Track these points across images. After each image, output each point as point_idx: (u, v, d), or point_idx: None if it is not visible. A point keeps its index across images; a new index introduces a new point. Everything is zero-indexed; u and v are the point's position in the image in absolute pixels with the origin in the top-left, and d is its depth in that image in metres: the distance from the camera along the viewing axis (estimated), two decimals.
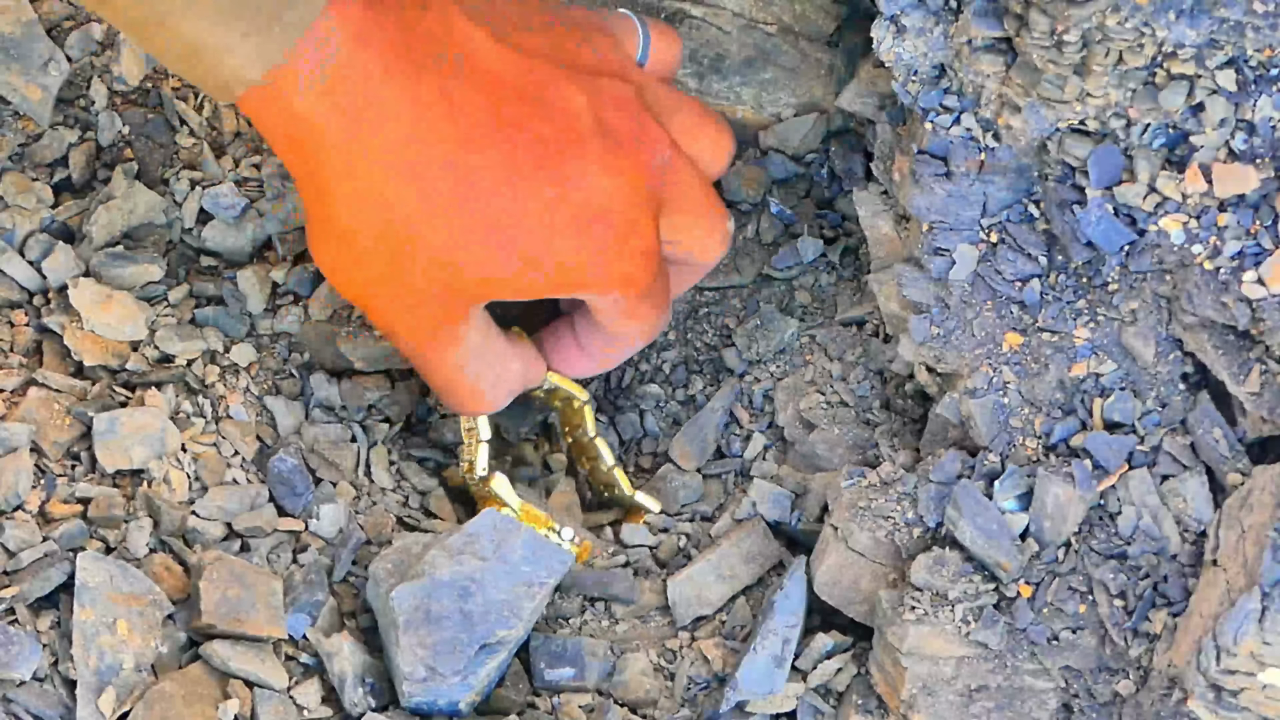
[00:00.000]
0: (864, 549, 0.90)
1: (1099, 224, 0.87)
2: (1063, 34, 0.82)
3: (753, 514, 0.98)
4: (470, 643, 0.86)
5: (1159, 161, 0.86)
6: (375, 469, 0.98)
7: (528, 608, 0.87)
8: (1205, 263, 0.85)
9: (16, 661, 0.80)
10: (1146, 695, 0.85)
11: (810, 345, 1.03)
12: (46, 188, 0.99)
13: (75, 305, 0.92)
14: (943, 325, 0.91)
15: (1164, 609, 0.85)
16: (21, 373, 0.91)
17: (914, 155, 0.90)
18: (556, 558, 0.89)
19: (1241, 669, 0.78)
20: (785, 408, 1.01)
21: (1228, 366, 0.86)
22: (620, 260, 0.88)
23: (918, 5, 0.87)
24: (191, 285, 0.98)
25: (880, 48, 0.88)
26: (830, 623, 0.93)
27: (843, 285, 1.05)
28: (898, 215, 0.96)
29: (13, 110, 1.01)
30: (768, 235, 1.06)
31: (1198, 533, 0.86)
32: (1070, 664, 0.86)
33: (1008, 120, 0.87)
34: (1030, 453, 0.89)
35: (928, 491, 0.90)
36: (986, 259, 0.91)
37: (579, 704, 0.91)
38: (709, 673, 0.93)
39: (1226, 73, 0.83)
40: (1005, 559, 0.86)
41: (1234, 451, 0.86)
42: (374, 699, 0.87)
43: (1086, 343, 0.89)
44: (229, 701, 0.83)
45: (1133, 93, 0.84)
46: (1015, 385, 0.90)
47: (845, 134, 1.06)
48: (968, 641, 0.86)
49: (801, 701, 0.90)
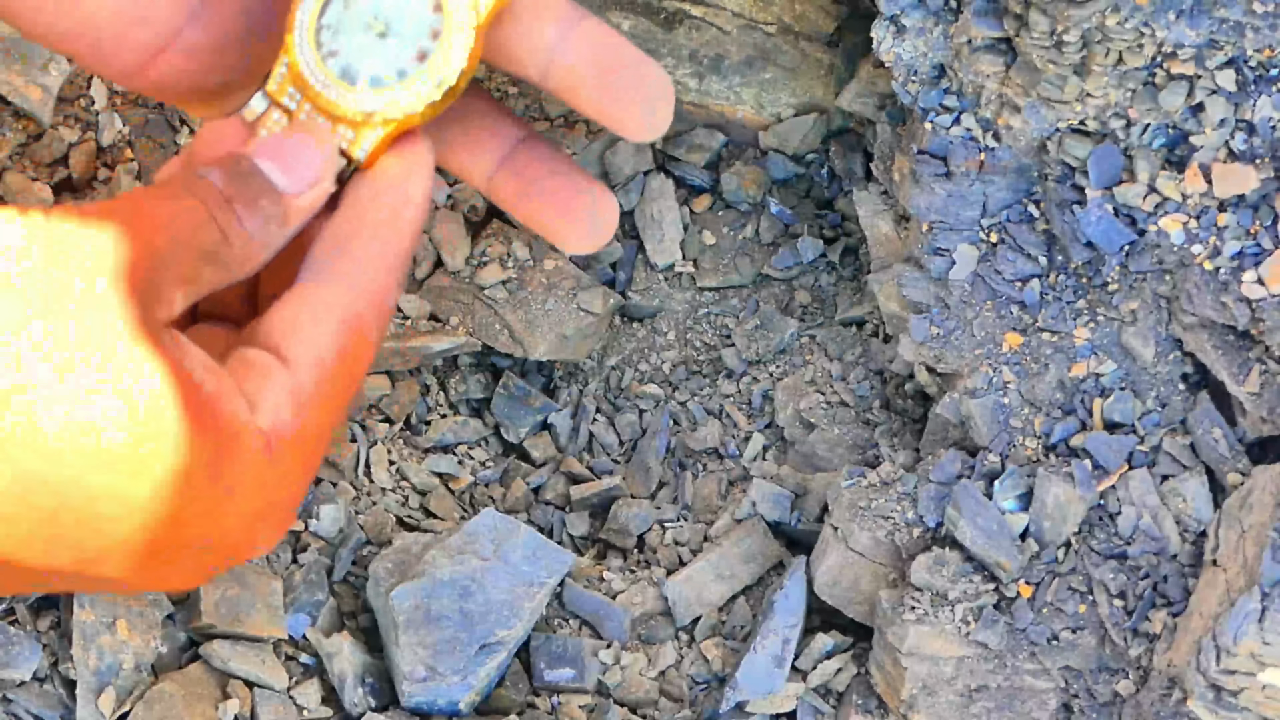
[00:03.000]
0: (864, 549, 0.90)
1: (1099, 224, 0.87)
2: (1063, 34, 0.82)
3: (753, 514, 0.98)
4: (470, 642, 0.86)
5: (1159, 161, 0.86)
6: (375, 469, 0.98)
7: (528, 608, 0.88)
8: (1205, 263, 0.85)
9: (16, 661, 0.80)
10: (1146, 695, 0.85)
11: (810, 345, 1.03)
12: (47, 187, 0.99)
13: None
14: (943, 325, 0.91)
15: (1164, 609, 0.85)
16: None
17: (914, 155, 0.90)
18: (557, 558, 0.89)
19: (1241, 669, 0.78)
20: (785, 408, 1.01)
21: (1228, 366, 0.86)
22: None
23: (918, 5, 0.87)
24: None
25: (880, 48, 0.88)
26: (830, 623, 0.93)
27: (843, 285, 1.05)
28: (898, 215, 0.96)
29: (13, 110, 1.01)
30: (768, 235, 1.06)
31: (1198, 533, 0.86)
32: (1070, 664, 0.86)
33: (1008, 120, 0.87)
34: (1030, 453, 0.89)
35: (928, 491, 0.90)
36: (986, 259, 0.91)
37: (579, 704, 0.91)
38: (709, 673, 0.93)
39: (1226, 73, 0.83)
40: (1005, 559, 0.86)
41: (1234, 451, 0.86)
42: (374, 699, 0.87)
43: (1086, 343, 0.89)
44: (229, 701, 0.83)
45: (1133, 93, 0.84)
46: (1015, 385, 0.90)
47: (845, 134, 1.06)
48: (968, 641, 0.86)
49: (801, 701, 0.91)
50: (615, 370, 1.05)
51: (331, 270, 0.62)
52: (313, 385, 0.60)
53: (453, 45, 0.64)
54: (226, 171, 0.60)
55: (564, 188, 0.66)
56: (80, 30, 0.62)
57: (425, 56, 0.63)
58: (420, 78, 0.63)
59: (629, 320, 1.06)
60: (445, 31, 0.64)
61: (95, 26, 0.63)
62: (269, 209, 0.61)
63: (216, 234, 0.58)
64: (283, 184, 0.62)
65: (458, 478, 1.01)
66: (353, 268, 0.62)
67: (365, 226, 0.63)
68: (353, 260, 0.62)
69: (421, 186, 0.65)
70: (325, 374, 0.61)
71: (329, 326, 0.60)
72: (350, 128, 0.63)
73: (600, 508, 1.02)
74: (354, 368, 0.62)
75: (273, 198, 0.61)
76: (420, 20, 0.64)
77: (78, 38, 0.63)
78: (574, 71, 0.66)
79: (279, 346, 0.60)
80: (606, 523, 1.01)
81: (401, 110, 0.63)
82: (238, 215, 0.59)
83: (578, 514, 1.02)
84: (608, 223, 0.67)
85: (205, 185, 0.59)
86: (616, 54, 0.66)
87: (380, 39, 0.64)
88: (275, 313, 0.61)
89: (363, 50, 0.64)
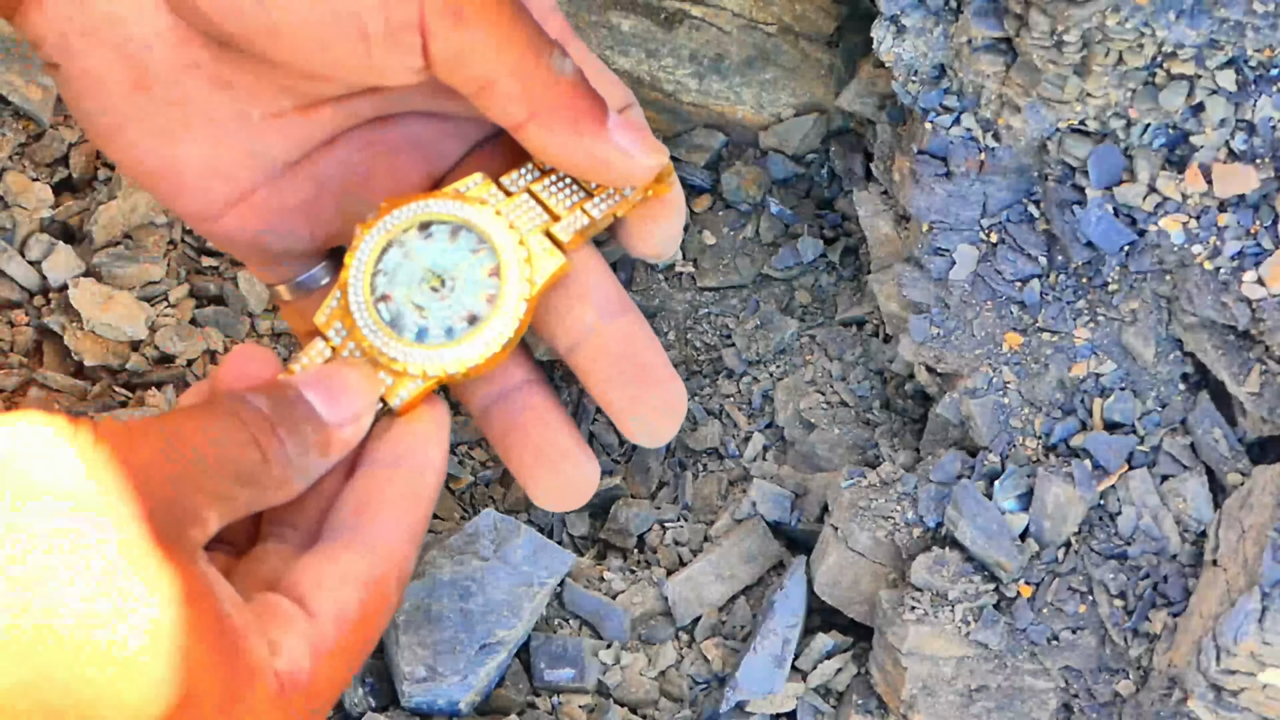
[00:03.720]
0: (864, 549, 0.90)
1: (1099, 224, 0.87)
2: (1063, 34, 0.82)
3: (753, 514, 0.98)
4: (470, 643, 0.86)
5: (1159, 161, 0.86)
6: None
7: (528, 608, 0.88)
8: (1205, 263, 0.85)
9: None
10: (1146, 695, 0.85)
11: (810, 345, 1.03)
12: (47, 187, 0.99)
13: (75, 305, 0.92)
14: (943, 325, 0.91)
15: (1164, 609, 0.85)
16: (21, 373, 0.91)
17: (914, 155, 0.90)
18: (557, 558, 0.89)
19: (1241, 669, 0.78)
20: (785, 408, 1.01)
21: (1228, 366, 0.86)
22: None
23: (918, 5, 0.87)
24: (191, 285, 0.98)
25: (880, 48, 0.88)
26: (830, 623, 0.93)
27: (843, 285, 1.05)
28: (898, 215, 0.96)
29: (13, 110, 1.01)
30: (768, 235, 1.06)
31: (1198, 533, 0.86)
32: (1070, 664, 0.86)
33: (1008, 120, 0.87)
34: (1030, 453, 0.89)
35: (928, 491, 0.90)
36: (986, 259, 0.91)
37: (579, 704, 0.91)
38: (709, 673, 0.93)
39: (1226, 73, 0.83)
40: (1005, 559, 0.86)
41: (1234, 451, 0.86)
42: (374, 699, 0.87)
43: (1086, 343, 0.89)
44: None
45: (1133, 93, 0.84)
46: (1015, 385, 0.90)
47: (845, 134, 1.06)
48: (968, 641, 0.86)
49: (801, 701, 0.90)
50: None
51: (356, 535, 0.62)
52: (333, 640, 0.60)
53: (505, 315, 0.62)
54: (271, 396, 0.60)
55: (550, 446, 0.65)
56: (166, 173, 0.64)
57: (476, 320, 0.62)
58: (468, 341, 0.62)
59: None
60: (499, 299, 0.62)
61: (179, 172, 0.64)
62: (311, 436, 0.61)
63: (257, 456, 0.58)
64: (326, 415, 0.62)
65: (458, 478, 1.01)
66: (378, 534, 0.62)
67: (389, 495, 0.62)
68: (378, 527, 0.62)
69: (441, 451, 0.65)
70: (346, 630, 0.61)
71: (353, 587, 0.61)
72: (389, 374, 0.63)
73: (600, 508, 1.02)
74: (374, 625, 0.63)
75: (316, 425, 0.61)
76: (476, 284, 0.63)
77: (162, 178, 0.64)
78: (599, 364, 0.66)
79: (304, 598, 0.60)
80: (606, 523, 1.01)
81: (443, 369, 0.62)
82: (280, 439, 0.59)
83: (578, 514, 1.02)
84: (582, 491, 0.66)
85: (250, 408, 0.59)
86: (645, 364, 0.66)
87: (434, 294, 0.63)
88: (302, 567, 0.61)
89: (415, 302, 0.63)
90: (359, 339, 0.63)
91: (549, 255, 0.63)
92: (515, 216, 0.63)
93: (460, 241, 0.62)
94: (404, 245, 0.63)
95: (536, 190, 0.63)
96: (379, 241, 0.63)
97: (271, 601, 0.59)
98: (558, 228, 0.63)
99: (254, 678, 0.56)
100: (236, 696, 0.55)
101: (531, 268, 0.63)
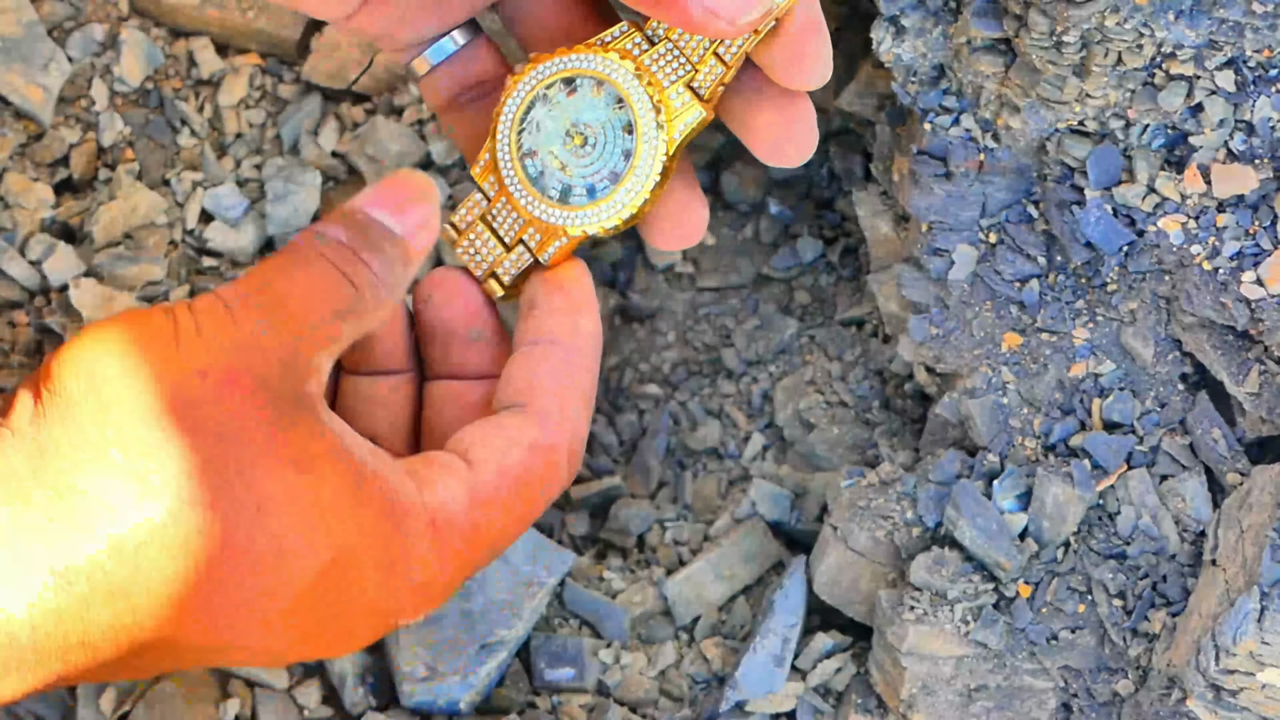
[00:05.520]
0: (863, 549, 0.90)
1: (1098, 224, 0.87)
2: (1062, 34, 0.82)
3: (752, 514, 0.98)
4: (470, 642, 0.86)
5: (1158, 162, 0.86)
6: None
7: (528, 608, 0.88)
8: (1204, 263, 0.85)
9: None
10: (1146, 695, 0.85)
11: (810, 345, 1.03)
12: (47, 188, 0.99)
13: (76, 305, 0.92)
14: (942, 325, 0.91)
15: (1163, 609, 0.85)
16: (22, 373, 0.91)
17: (913, 155, 0.90)
18: (557, 557, 0.89)
19: (1241, 669, 0.79)
20: (784, 408, 1.01)
21: (1227, 366, 0.86)
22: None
23: (918, 5, 0.87)
24: (192, 285, 0.98)
25: (880, 48, 0.88)
26: (830, 623, 0.93)
27: (842, 285, 1.05)
28: (897, 215, 0.97)
29: (13, 110, 1.01)
30: (767, 235, 1.06)
31: (1197, 533, 0.86)
32: (1069, 664, 0.86)
33: (1007, 120, 0.87)
34: (1029, 453, 0.89)
35: (927, 491, 0.90)
36: (986, 259, 0.91)
37: (579, 704, 0.91)
38: (709, 672, 0.93)
39: (1225, 73, 0.83)
40: (1004, 559, 0.86)
41: (1233, 451, 0.86)
42: (374, 698, 0.87)
43: (1085, 343, 0.89)
44: (229, 701, 0.83)
45: (1132, 93, 0.84)
46: (1014, 385, 0.90)
47: (845, 134, 1.06)
48: (967, 641, 0.86)
49: (801, 701, 0.91)
50: (615, 370, 1.05)
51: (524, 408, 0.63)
52: (492, 488, 0.61)
53: (644, 173, 0.64)
54: (346, 225, 0.62)
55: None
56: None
57: (617, 177, 0.64)
58: (610, 202, 0.64)
59: (629, 320, 1.06)
60: (636, 156, 0.64)
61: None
62: (392, 252, 0.62)
63: (349, 289, 0.60)
64: (398, 228, 0.63)
65: None
66: (548, 404, 0.64)
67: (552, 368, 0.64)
68: (548, 399, 0.64)
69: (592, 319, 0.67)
70: (507, 482, 0.62)
71: (521, 448, 0.62)
72: (538, 230, 0.64)
73: (600, 507, 1.02)
74: (539, 488, 0.64)
75: (393, 240, 0.62)
76: (618, 140, 0.64)
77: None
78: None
79: (467, 451, 0.61)
80: (606, 522, 1.01)
81: (584, 230, 0.64)
82: (365, 263, 0.61)
83: (577, 513, 1.02)
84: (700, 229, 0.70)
85: (330, 243, 0.61)
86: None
87: (578, 150, 0.65)
88: (468, 430, 0.62)
89: (559, 158, 0.64)
90: (507, 195, 0.65)
91: (689, 109, 0.65)
92: (658, 68, 0.64)
93: (604, 96, 0.64)
94: (548, 101, 0.64)
95: (674, 37, 0.64)
96: (525, 98, 0.64)
97: (432, 455, 0.61)
98: (696, 80, 0.64)
99: (403, 516, 0.58)
100: (387, 538, 0.57)
101: (670, 122, 0.64)
